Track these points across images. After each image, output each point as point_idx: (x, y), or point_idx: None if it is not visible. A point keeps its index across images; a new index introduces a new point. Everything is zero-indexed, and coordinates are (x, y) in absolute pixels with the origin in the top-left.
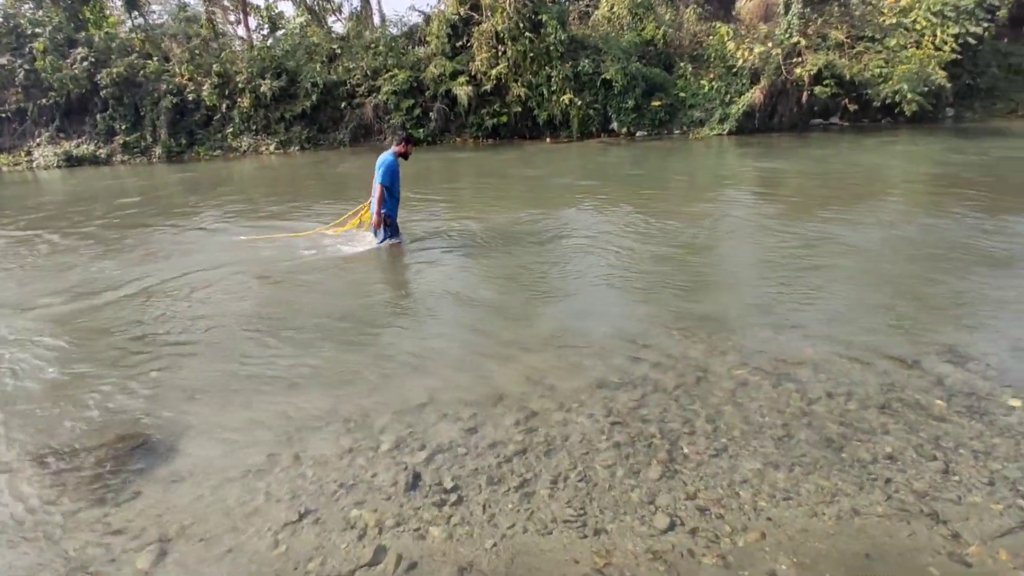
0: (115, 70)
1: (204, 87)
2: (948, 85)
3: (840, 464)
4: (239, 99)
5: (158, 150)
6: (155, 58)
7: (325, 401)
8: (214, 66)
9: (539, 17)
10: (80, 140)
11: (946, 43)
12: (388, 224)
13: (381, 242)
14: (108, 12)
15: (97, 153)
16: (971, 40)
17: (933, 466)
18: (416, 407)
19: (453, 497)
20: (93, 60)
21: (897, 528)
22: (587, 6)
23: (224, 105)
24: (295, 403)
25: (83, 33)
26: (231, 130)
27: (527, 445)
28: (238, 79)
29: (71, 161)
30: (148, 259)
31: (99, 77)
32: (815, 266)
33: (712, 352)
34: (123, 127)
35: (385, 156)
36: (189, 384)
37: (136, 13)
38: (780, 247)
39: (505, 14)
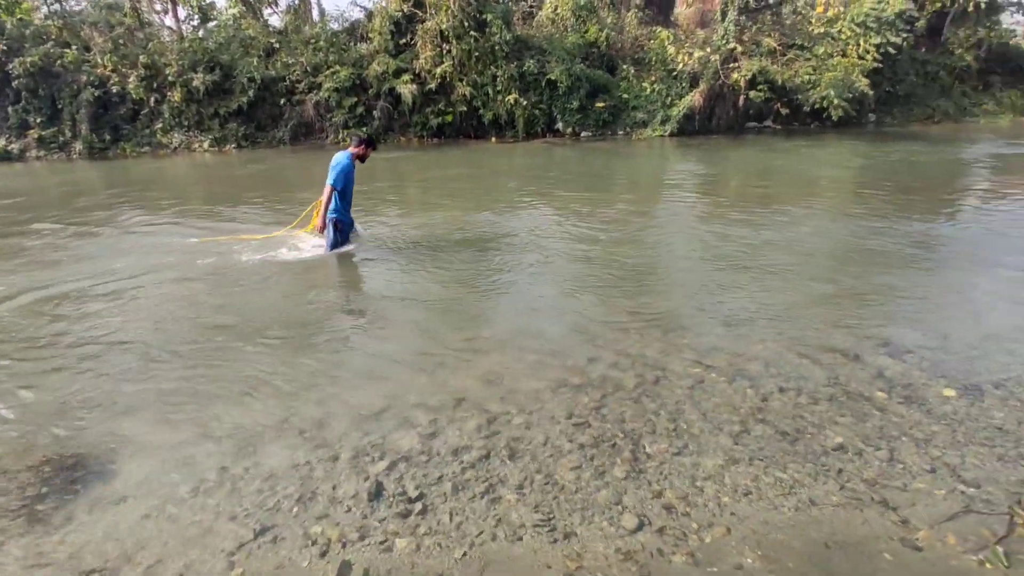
0: (29, 59)
1: (130, 79)
2: (870, 92)
3: (795, 457)
4: (169, 93)
5: (78, 146)
6: (74, 47)
7: (276, 411)
8: (141, 57)
9: (484, 16)
10: None
11: (868, 52)
12: (339, 230)
13: (330, 249)
14: None
15: (8, 148)
16: (891, 49)
17: (880, 455)
18: (374, 414)
19: (418, 506)
20: (4, 48)
21: (852, 516)
22: (531, 7)
23: (152, 99)
24: (244, 414)
25: None
26: (160, 126)
27: (490, 449)
28: (168, 72)
29: None
30: (73, 262)
31: (11, 66)
32: (756, 264)
33: (668, 350)
34: (38, 120)
35: (340, 157)
36: (124, 398)
37: None
38: (723, 245)
39: (449, 12)
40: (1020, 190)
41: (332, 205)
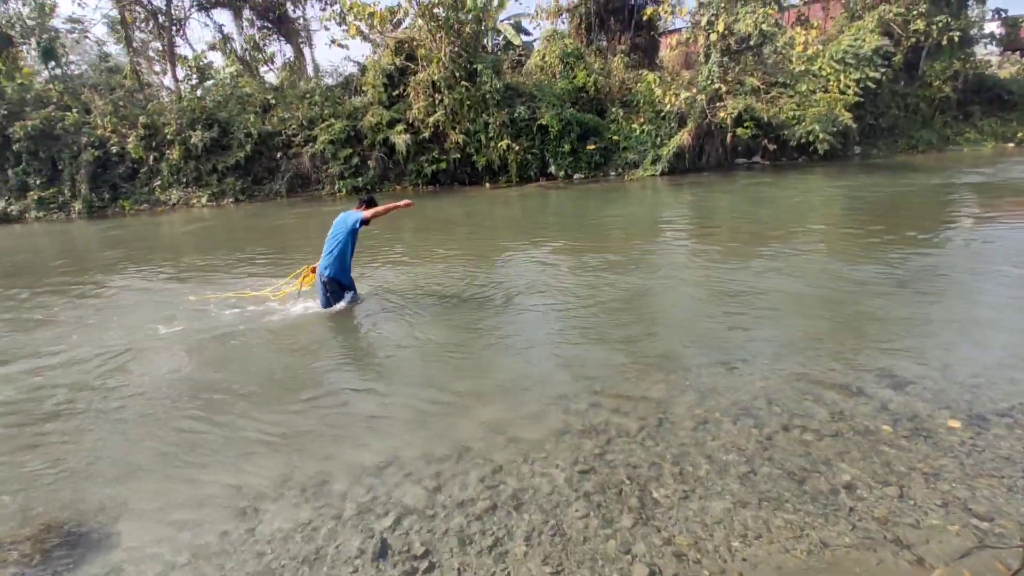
0: (30, 123)
1: (129, 139)
2: (854, 125)
3: (804, 497)
4: (168, 151)
5: (78, 205)
6: (75, 110)
7: (278, 469)
8: (140, 117)
9: (474, 66)
10: None
11: (849, 87)
12: (343, 287)
13: (350, 301)
14: (22, 63)
15: (8, 210)
16: (871, 84)
17: (889, 492)
18: (376, 469)
19: (425, 564)
20: (5, 112)
21: (865, 557)
22: (520, 55)
23: (151, 157)
24: (245, 474)
25: None
26: (159, 183)
27: (496, 501)
28: (167, 130)
29: None
30: (62, 325)
31: (12, 130)
32: (752, 301)
33: (670, 392)
34: (38, 182)
35: (351, 213)
36: (122, 462)
37: (54, 63)
38: (718, 284)
39: (441, 64)
40: (1007, 214)
41: (328, 261)
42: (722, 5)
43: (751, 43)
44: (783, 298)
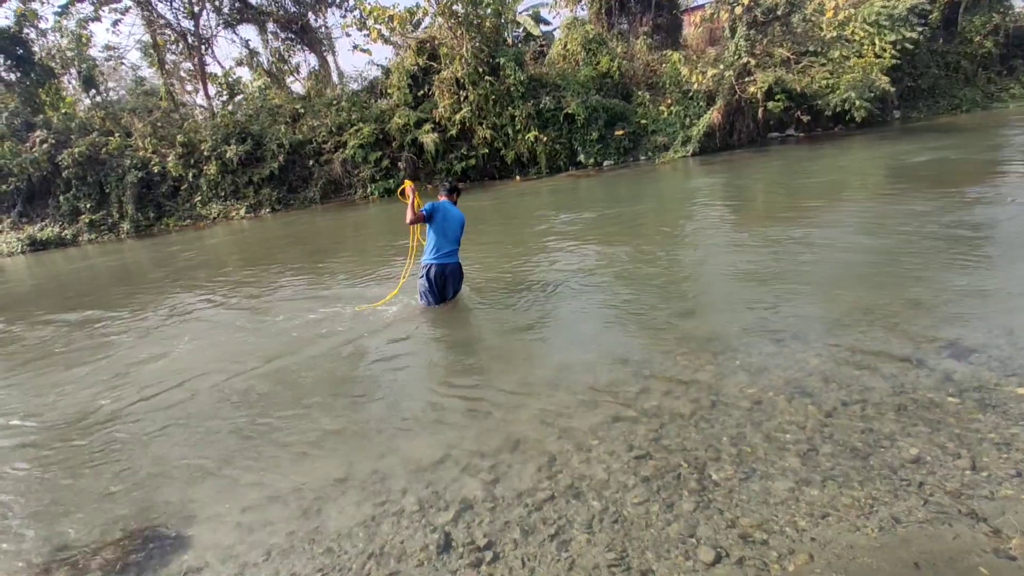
0: (76, 150)
1: (169, 158)
2: (892, 89)
3: (870, 473)
4: (205, 167)
5: (126, 225)
6: (116, 134)
7: (338, 468)
8: (178, 136)
9: (497, 61)
10: (44, 223)
11: (885, 50)
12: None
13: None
14: (64, 93)
15: (63, 234)
16: (908, 45)
17: (960, 464)
18: (433, 464)
19: (489, 555)
20: (53, 142)
21: (940, 532)
22: (541, 46)
23: (191, 174)
24: (307, 473)
25: (40, 116)
26: (199, 198)
27: (554, 491)
28: (203, 147)
29: (35, 245)
30: (125, 343)
31: (60, 158)
32: (799, 277)
33: (720, 373)
34: (88, 206)
35: (449, 206)
36: (189, 467)
37: (94, 91)
38: (762, 260)
39: (463, 61)
40: None
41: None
42: None
43: (778, 13)
44: (829, 271)
